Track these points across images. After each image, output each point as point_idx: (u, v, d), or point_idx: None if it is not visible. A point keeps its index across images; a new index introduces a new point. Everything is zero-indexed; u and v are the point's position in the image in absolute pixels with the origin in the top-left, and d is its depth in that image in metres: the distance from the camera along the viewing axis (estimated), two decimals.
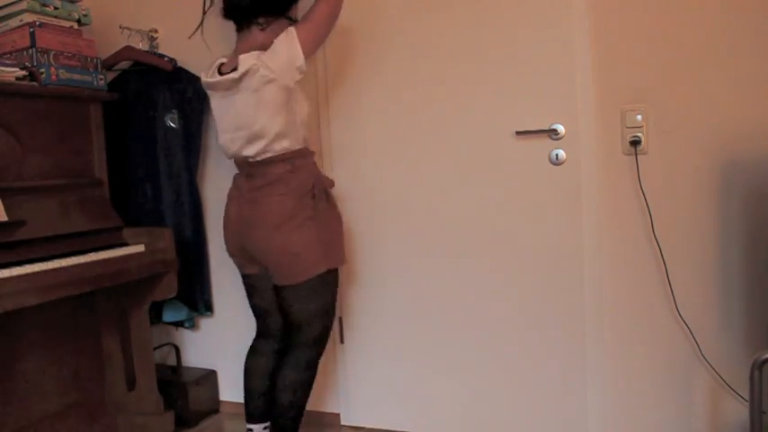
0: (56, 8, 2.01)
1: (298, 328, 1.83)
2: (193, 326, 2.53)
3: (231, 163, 2.38)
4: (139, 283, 2.06)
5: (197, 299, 2.41)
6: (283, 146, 1.75)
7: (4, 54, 1.96)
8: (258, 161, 1.76)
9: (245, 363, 1.99)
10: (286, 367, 1.84)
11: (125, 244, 2.02)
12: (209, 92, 1.86)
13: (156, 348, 2.37)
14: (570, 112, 1.91)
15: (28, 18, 1.93)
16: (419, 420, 2.20)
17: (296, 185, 1.76)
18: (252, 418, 1.96)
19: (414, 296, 2.16)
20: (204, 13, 1.93)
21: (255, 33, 1.79)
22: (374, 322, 2.23)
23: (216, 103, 1.84)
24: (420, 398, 2.19)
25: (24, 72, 1.88)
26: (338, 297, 2.01)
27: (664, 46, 1.82)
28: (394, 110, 2.12)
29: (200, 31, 2.12)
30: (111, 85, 2.31)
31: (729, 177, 1.78)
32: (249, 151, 1.76)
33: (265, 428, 1.96)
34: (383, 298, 2.21)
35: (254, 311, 1.99)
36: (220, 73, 1.81)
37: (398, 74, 2.10)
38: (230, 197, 1.89)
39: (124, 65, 2.37)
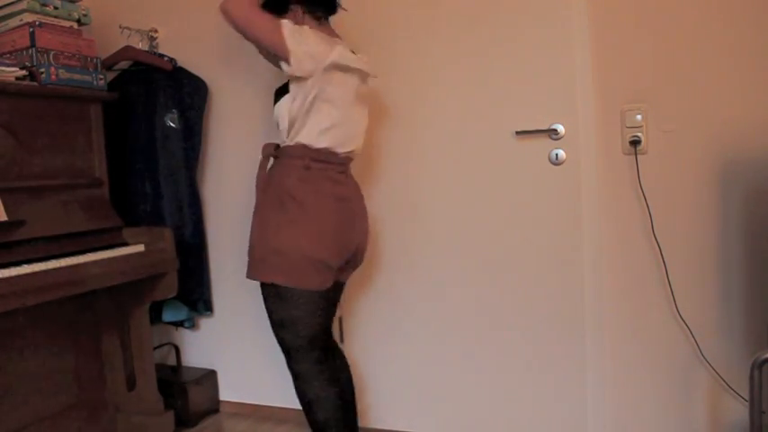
0: (56, 8, 2.01)
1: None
2: (193, 326, 2.53)
3: (231, 163, 2.39)
4: (139, 283, 2.05)
5: (197, 299, 2.41)
6: None
7: (4, 54, 1.96)
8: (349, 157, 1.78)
9: (327, 394, 1.72)
10: (346, 369, 1.86)
11: (125, 244, 2.02)
12: (338, 73, 1.65)
13: (156, 348, 2.37)
14: (570, 112, 1.91)
15: (28, 18, 1.93)
16: (418, 420, 2.20)
17: None
18: None
19: (410, 296, 2.16)
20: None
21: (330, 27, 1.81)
22: (372, 323, 2.23)
23: (350, 90, 1.70)
24: (418, 397, 2.19)
25: (24, 72, 1.88)
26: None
27: (663, 46, 1.82)
28: (393, 109, 2.12)
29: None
30: (111, 85, 2.31)
31: (729, 177, 1.78)
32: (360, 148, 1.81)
33: None
34: (379, 298, 2.21)
35: (324, 332, 1.75)
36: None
37: (397, 74, 2.10)
38: (346, 198, 1.73)
39: (124, 65, 2.37)
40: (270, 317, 1.73)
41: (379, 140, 2.15)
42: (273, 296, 1.68)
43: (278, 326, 1.72)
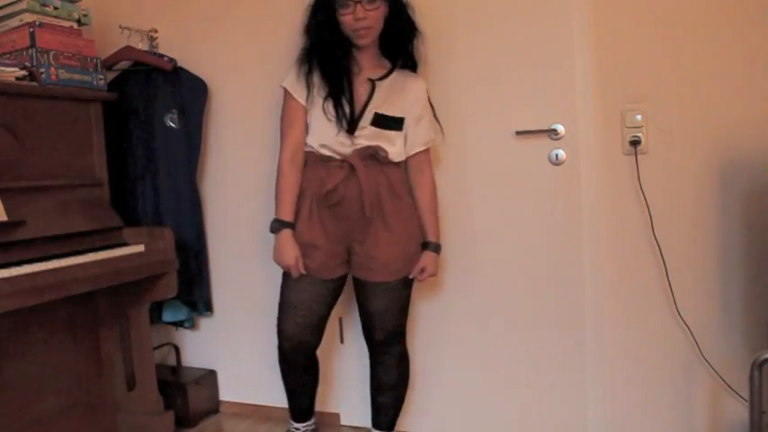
0: (56, 8, 2.01)
1: None
2: (193, 326, 2.53)
3: (231, 163, 2.40)
4: (139, 283, 2.05)
5: (197, 299, 2.41)
6: None
7: (4, 54, 1.96)
8: None
9: None
10: None
11: (125, 244, 2.02)
12: None
13: (156, 348, 2.37)
14: (570, 112, 1.91)
15: (28, 18, 1.93)
16: (418, 420, 2.20)
17: None
18: None
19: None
20: None
21: None
22: None
23: None
24: (418, 398, 2.19)
25: (24, 72, 1.88)
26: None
27: (664, 46, 1.82)
28: None
29: None
30: (111, 85, 2.31)
31: (729, 177, 1.78)
32: None
33: None
34: None
35: None
36: None
37: None
38: None
39: (124, 65, 2.37)
40: (405, 307, 1.91)
41: None
42: (409, 284, 1.89)
43: (405, 311, 1.92)
